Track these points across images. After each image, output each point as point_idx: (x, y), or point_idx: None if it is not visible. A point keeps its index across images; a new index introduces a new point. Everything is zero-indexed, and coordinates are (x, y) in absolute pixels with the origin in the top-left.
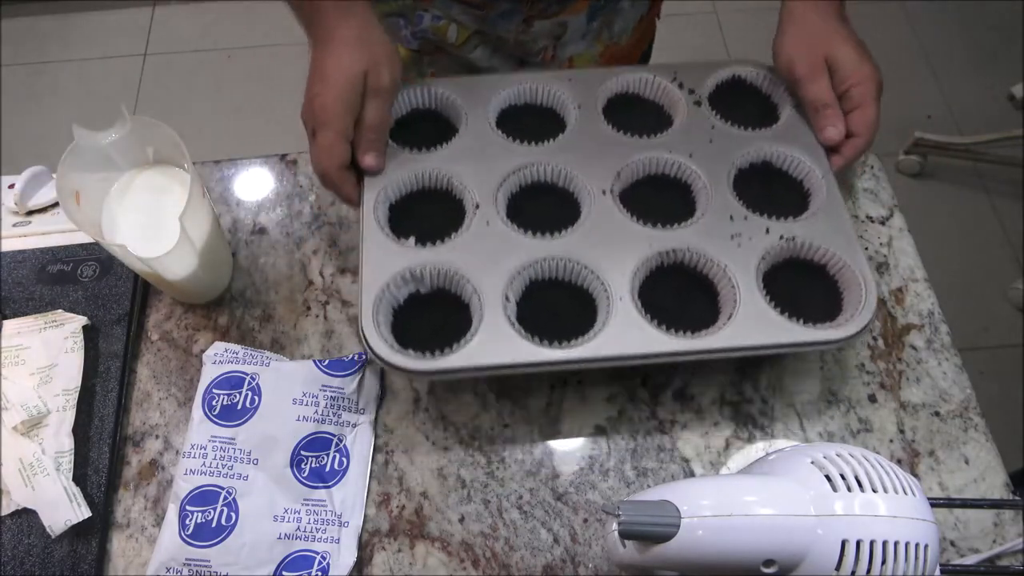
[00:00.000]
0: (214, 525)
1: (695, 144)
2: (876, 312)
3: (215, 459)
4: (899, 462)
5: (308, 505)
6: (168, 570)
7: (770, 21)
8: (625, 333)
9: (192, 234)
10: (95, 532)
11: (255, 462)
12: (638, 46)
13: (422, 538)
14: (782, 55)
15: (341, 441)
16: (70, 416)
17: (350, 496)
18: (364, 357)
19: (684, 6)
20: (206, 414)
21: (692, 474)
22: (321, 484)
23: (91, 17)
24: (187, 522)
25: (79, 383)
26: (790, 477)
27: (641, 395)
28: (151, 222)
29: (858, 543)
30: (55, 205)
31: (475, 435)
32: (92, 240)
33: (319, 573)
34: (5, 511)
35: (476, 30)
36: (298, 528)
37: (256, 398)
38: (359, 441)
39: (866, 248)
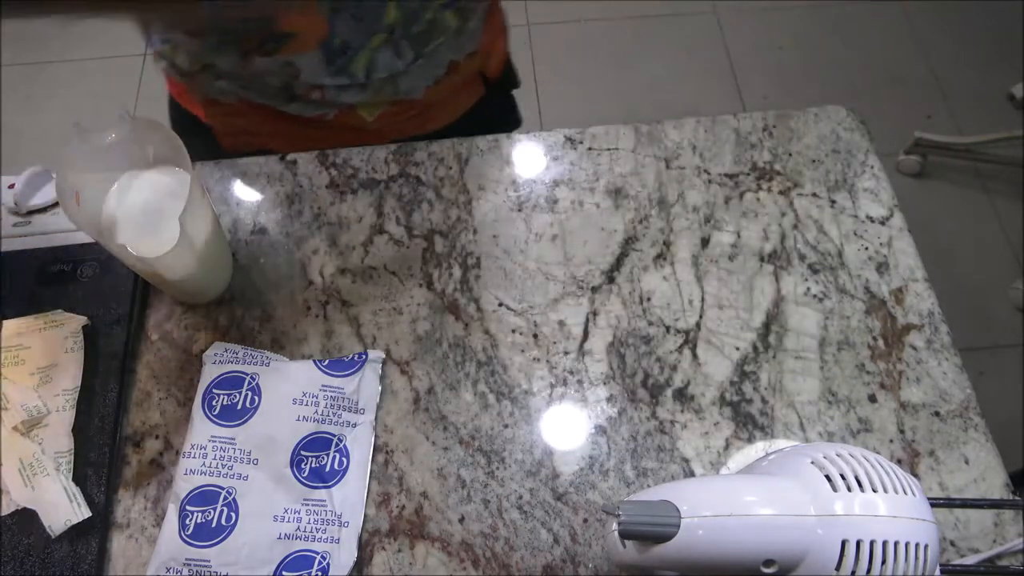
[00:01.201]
0: (214, 525)
1: None
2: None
3: (215, 459)
4: (899, 462)
5: (308, 505)
6: (168, 570)
7: (770, 21)
8: None
9: (192, 234)
10: (95, 532)
11: (255, 462)
12: (467, 91)
13: (422, 538)
14: None
15: (341, 441)
16: (70, 416)
17: (350, 496)
18: (364, 357)
19: (684, 6)
20: (206, 414)
21: (692, 474)
22: (321, 484)
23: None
24: (187, 522)
25: (79, 383)
26: (790, 477)
27: (641, 395)
28: (151, 222)
29: (858, 543)
30: (55, 205)
31: (475, 435)
32: (92, 240)
33: (319, 573)
34: (5, 511)
35: (206, 62)
36: (298, 528)
37: (256, 398)
38: (359, 441)
39: (866, 248)
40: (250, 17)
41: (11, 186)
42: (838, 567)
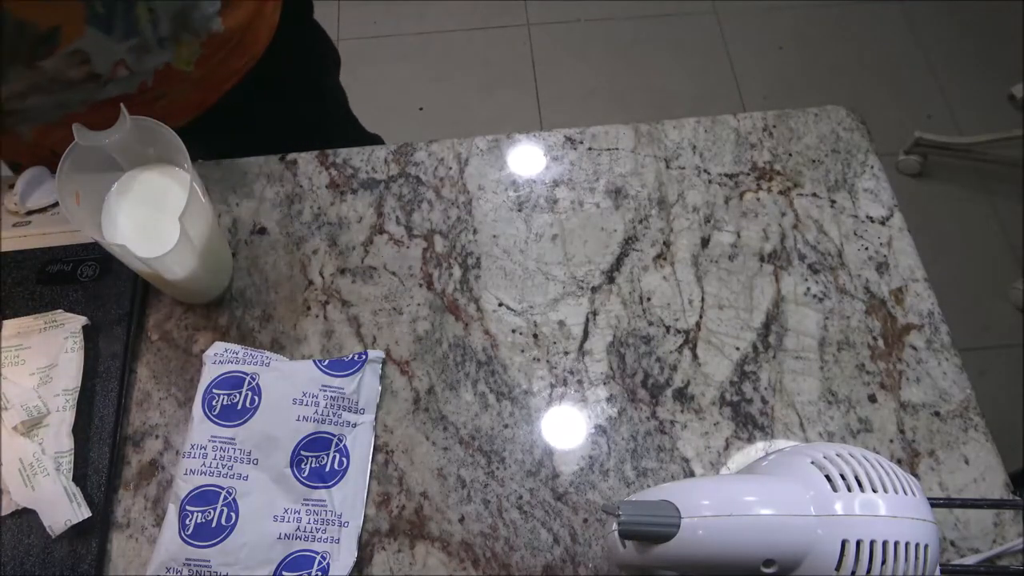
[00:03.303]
0: (214, 525)
1: None
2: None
3: (215, 459)
4: (899, 462)
5: (308, 505)
6: (168, 570)
7: (770, 21)
8: None
9: (192, 234)
10: (95, 532)
11: (255, 462)
12: (265, 15)
13: (422, 538)
14: None
15: (341, 441)
16: (70, 416)
17: (350, 496)
18: (364, 357)
19: (684, 6)
20: (206, 414)
21: (692, 474)
22: (321, 484)
23: None
24: (187, 522)
25: (79, 383)
26: (790, 477)
27: (641, 395)
28: (151, 222)
29: (858, 543)
30: (55, 205)
31: (475, 435)
32: (92, 240)
33: (319, 573)
34: (5, 511)
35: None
36: (298, 528)
37: (256, 398)
38: (359, 441)
39: (866, 248)
40: None
41: (11, 186)
42: (838, 567)
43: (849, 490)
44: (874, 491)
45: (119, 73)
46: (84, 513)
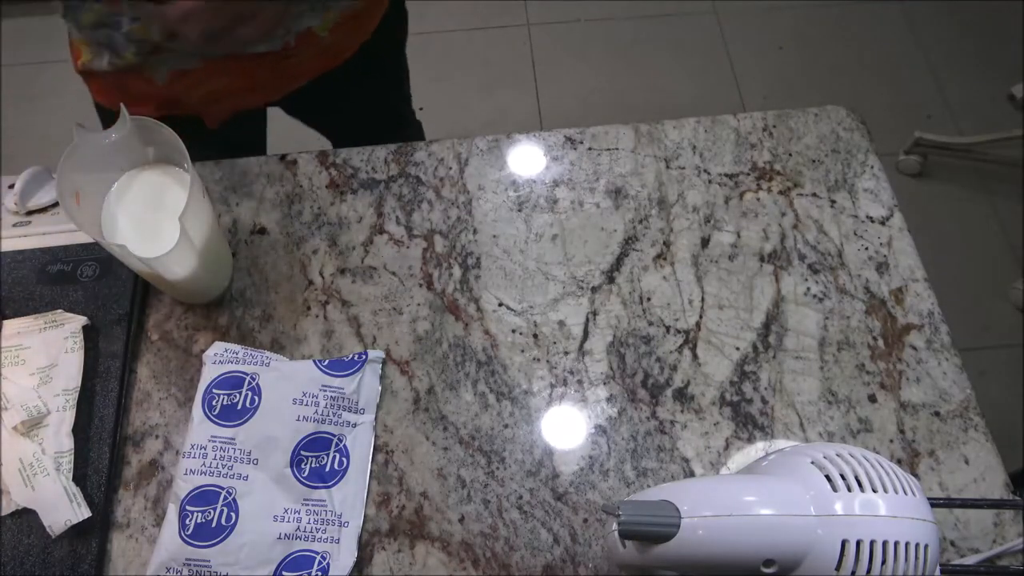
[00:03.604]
0: (214, 525)
1: None
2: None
3: (215, 459)
4: (899, 462)
5: (308, 505)
6: (168, 570)
7: (770, 21)
8: None
9: (192, 234)
10: (95, 532)
11: (255, 462)
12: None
13: (422, 538)
14: None
15: (341, 441)
16: (70, 416)
17: (350, 496)
18: (364, 357)
19: (684, 6)
20: (206, 414)
21: (692, 474)
22: (321, 484)
23: None
24: (187, 522)
25: (79, 383)
26: (790, 477)
27: (641, 395)
28: (151, 222)
29: (858, 543)
30: (55, 205)
31: (475, 435)
32: (92, 240)
33: (319, 573)
34: (5, 511)
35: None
36: (298, 528)
37: (256, 398)
38: (359, 441)
39: (866, 248)
40: None
41: (11, 186)
42: (838, 567)
43: (849, 490)
44: (874, 491)
45: (276, 31)
46: (84, 513)
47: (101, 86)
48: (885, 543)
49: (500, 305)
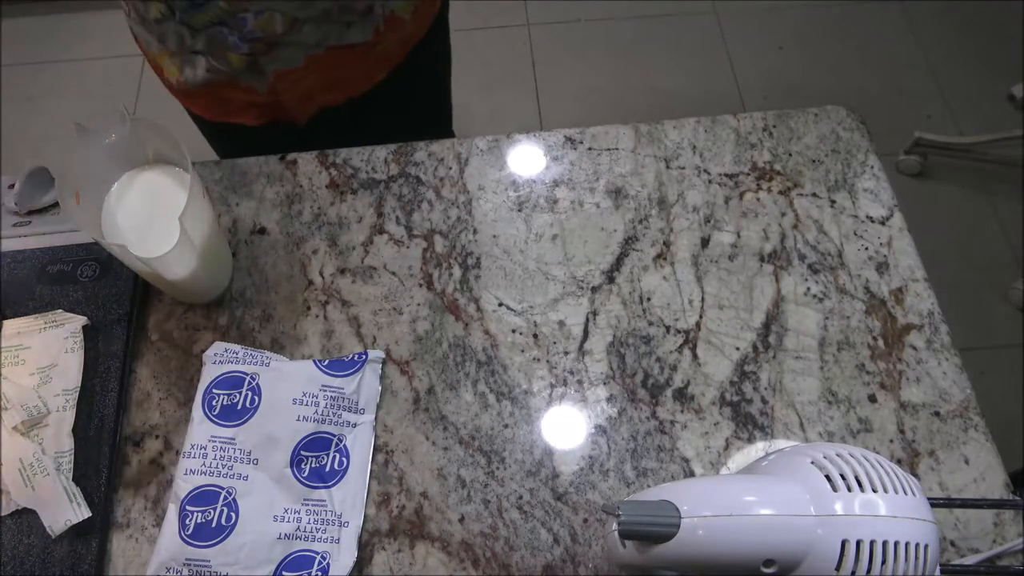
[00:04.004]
0: (214, 525)
1: None
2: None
3: (215, 459)
4: (899, 462)
5: (308, 505)
6: (168, 570)
7: (770, 21)
8: None
9: (192, 234)
10: (95, 532)
11: (255, 462)
12: None
13: (422, 538)
14: None
15: (341, 441)
16: (70, 416)
17: (350, 496)
18: (364, 357)
19: (684, 6)
20: (206, 414)
21: (692, 474)
22: (321, 484)
23: (91, 17)
24: (187, 522)
25: (79, 383)
26: (790, 477)
27: (641, 395)
28: (151, 222)
29: (858, 543)
30: (55, 205)
31: (475, 435)
32: (92, 240)
33: (319, 573)
34: (5, 511)
35: (296, 13)
36: (298, 528)
37: (256, 398)
38: (359, 441)
39: (866, 248)
40: None
41: (11, 186)
42: (838, 567)
43: (849, 490)
44: (874, 491)
45: (375, 9)
46: (84, 513)
47: (200, 101)
48: (885, 543)
49: (500, 305)
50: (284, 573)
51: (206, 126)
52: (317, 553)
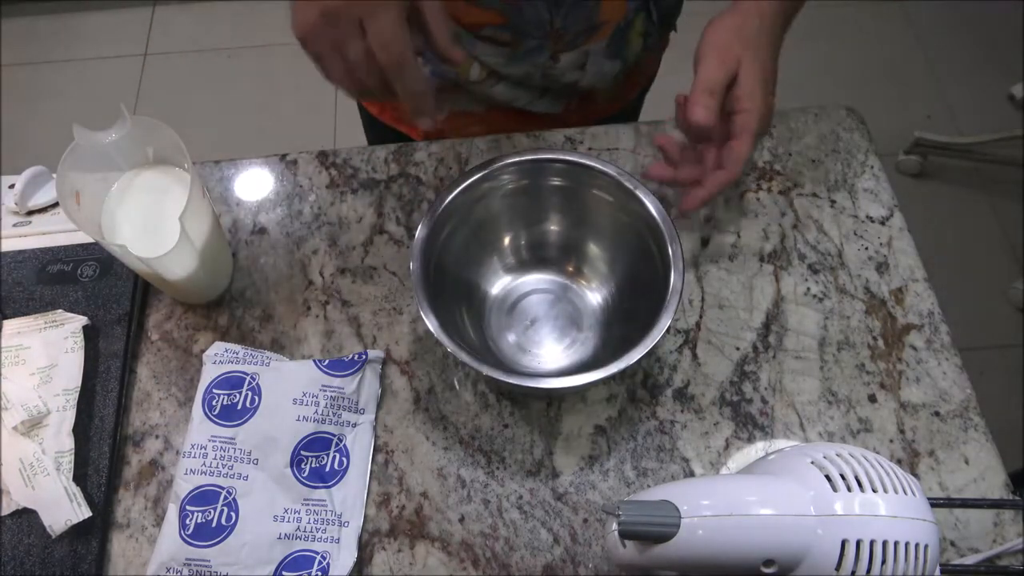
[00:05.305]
0: (214, 525)
1: None
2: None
3: (215, 459)
4: (899, 462)
5: (308, 505)
6: (168, 570)
7: None
8: None
9: (192, 234)
10: (95, 532)
11: (255, 462)
12: (651, 63)
13: (422, 538)
14: (706, 36)
15: (341, 441)
16: (70, 416)
17: (350, 496)
18: (364, 357)
19: (684, 6)
20: (206, 414)
21: (692, 474)
22: (321, 484)
23: (91, 17)
24: (187, 522)
25: (79, 383)
26: (790, 477)
27: (641, 395)
28: (151, 222)
29: (858, 543)
30: (55, 205)
31: (475, 435)
32: (92, 240)
33: (319, 573)
34: (5, 511)
35: (498, 68)
36: (298, 528)
37: (256, 398)
38: (359, 441)
39: (866, 248)
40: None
41: (11, 186)
42: (838, 567)
43: (849, 490)
44: (874, 491)
45: (581, 81)
46: (84, 513)
47: (380, 104)
48: (885, 543)
49: None
50: (284, 573)
51: (367, 118)
52: (317, 553)
